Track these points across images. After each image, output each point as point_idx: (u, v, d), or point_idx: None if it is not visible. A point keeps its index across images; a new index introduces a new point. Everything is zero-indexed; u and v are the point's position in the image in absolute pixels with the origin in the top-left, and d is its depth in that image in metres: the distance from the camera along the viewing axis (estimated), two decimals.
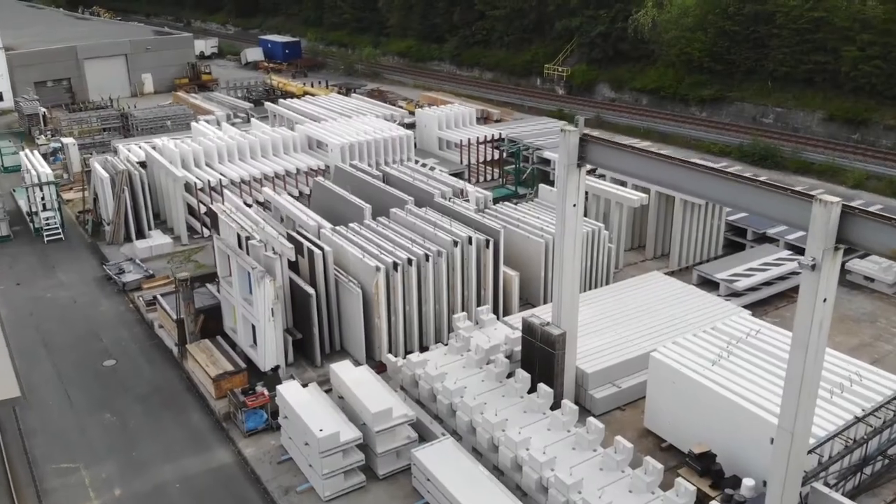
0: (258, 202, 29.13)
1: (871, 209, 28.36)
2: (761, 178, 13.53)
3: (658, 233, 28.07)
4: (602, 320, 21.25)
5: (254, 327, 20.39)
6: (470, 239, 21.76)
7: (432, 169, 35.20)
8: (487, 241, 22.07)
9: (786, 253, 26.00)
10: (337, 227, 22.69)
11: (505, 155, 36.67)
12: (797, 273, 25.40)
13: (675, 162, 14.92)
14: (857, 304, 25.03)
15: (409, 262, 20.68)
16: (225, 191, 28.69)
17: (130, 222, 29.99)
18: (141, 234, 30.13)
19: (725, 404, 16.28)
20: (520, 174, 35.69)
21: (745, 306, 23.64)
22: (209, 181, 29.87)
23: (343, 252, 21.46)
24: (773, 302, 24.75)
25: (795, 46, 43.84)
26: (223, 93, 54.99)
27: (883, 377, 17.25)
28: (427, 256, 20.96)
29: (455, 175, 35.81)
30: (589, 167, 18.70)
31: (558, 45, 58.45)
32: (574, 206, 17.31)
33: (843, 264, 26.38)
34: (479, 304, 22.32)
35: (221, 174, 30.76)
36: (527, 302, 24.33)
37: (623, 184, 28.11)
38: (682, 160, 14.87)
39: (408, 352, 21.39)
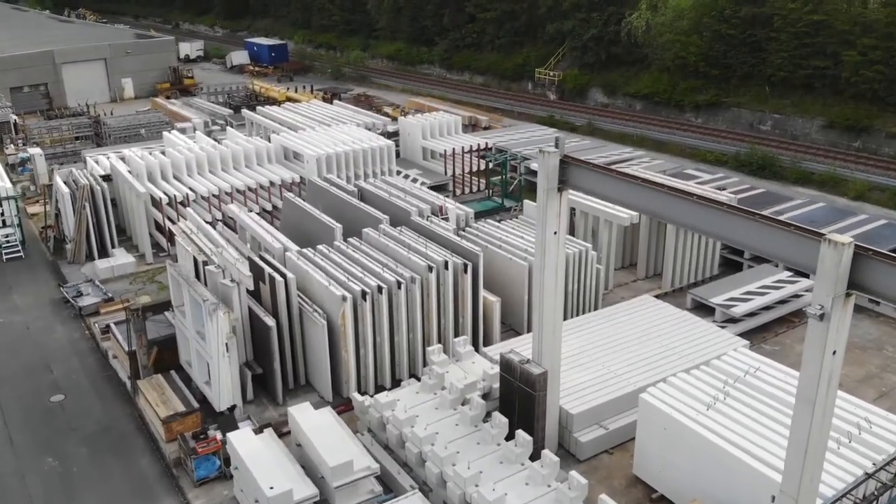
0: (225, 220, 27.45)
1: (877, 224, 26.25)
2: (763, 213, 11.93)
3: (650, 252, 26.48)
4: (589, 351, 19.63)
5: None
6: (446, 263, 20.14)
7: (415, 181, 33.64)
8: (465, 266, 20.45)
9: (786, 274, 24.40)
10: (304, 250, 21.05)
11: (491, 165, 35.05)
12: (799, 296, 23.85)
13: (664, 190, 13.30)
14: (863, 329, 23.44)
15: (380, 289, 19.05)
16: (187, 208, 27.01)
17: (93, 240, 28.32)
18: (105, 253, 28.48)
19: (722, 455, 14.67)
20: (506, 186, 34.08)
21: (744, 333, 22.07)
22: (175, 196, 28.21)
23: (308, 278, 19.82)
24: (772, 328, 23.15)
25: (794, 50, 42.32)
26: (203, 98, 53.28)
27: (894, 423, 15.66)
28: (399, 283, 19.34)
29: (439, 187, 34.32)
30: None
31: (550, 49, 56.90)
32: (555, 233, 15.71)
33: None
34: (456, 334, 20.72)
35: (190, 188, 29.10)
36: (510, 328, 22.73)
37: None
38: (672, 188, 13.26)
39: (378, 386, 19.77)
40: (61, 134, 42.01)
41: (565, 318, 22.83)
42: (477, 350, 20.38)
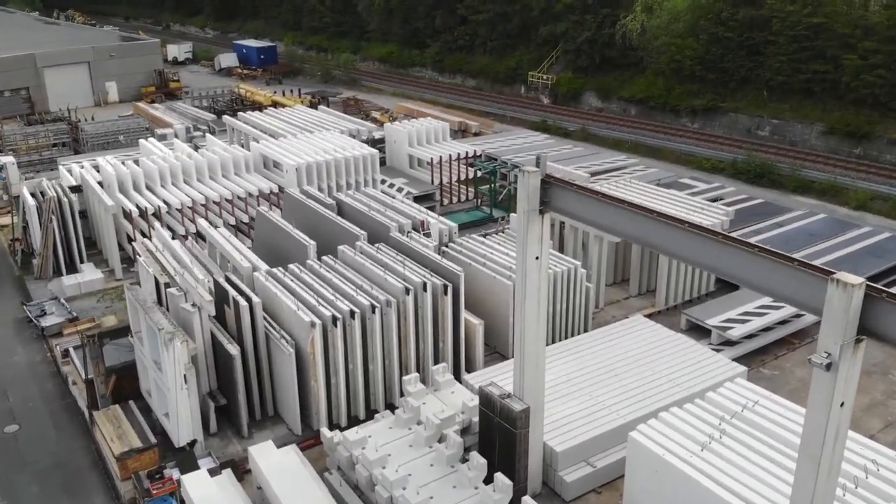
0: (196, 235, 26.16)
1: (881, 237, 25.03)
2: (764, 246, 10.70)
3: (643, 268, 25.25)
4: (576, 380, 18.39)
5: None
6: (425, 285, 18.89)
7: (400, 190, 32.40)
8: (445, 287, 19.20)
9: None
10: (273, 270, 19.79)
11: (480, 174, 33.81)
12: (800, 315, 22.62)
13: (654, 216, 12.06)
14: (866, 352, 22.12)
15: (352, 314, 17.79)
16: (155, 222, 25.73)
17: (60, 254, 27.05)
18: (73, 268, 27.20)
19: (717, 503, 13.43)
20: (495, 195, 32.85)
21: (741, 357, 20.88)
22: (146, 208, 26.93)
23: (277, 301, 18.57)
24: (771, 350, 21.93)
25: (793, 54, 41.14)
26: (188, 103, 51.96)
27: None
28: (374, 307, 18.09)
29: (426, 196, 33.08)
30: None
31: (543, 52, 55.68)
32: (537, 258, 14.48)
33: None
34: (436, 360, 19.48)
35: (163, 200, 27.80)
36: (494, 351, 21.49)
37: None
38: (662, 215, 12.01)
39: (352, 418, 18.52)
40: (37, 140, 40.68)
41: (553, 341, 21.73)
42: (458, 377, 19.16)
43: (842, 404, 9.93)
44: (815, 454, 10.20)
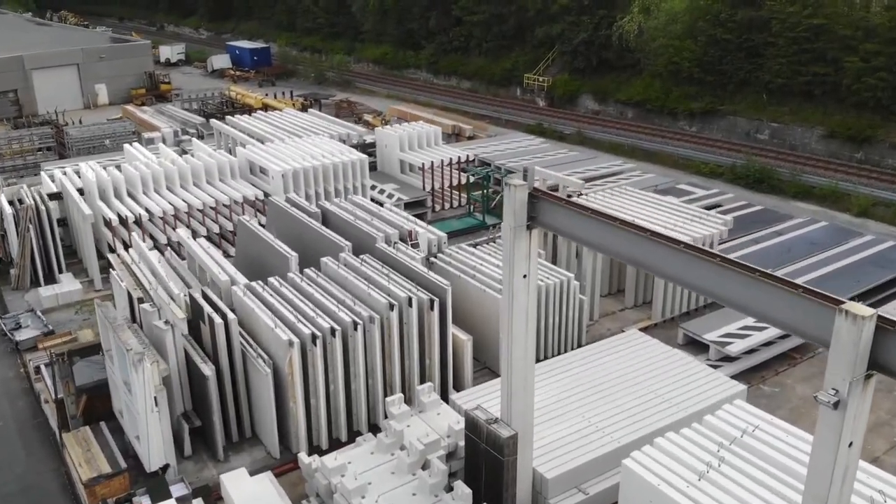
0: (179, 245, 25.32)
1: (885, 245, 24.10)
2: (766, 271, 9.89)
3: (639, 278, 24.43)
4: (567, 400, 17.55)
5: None
6: (410, 300, 18.08)
7: (390, 196, 31.60)
8: (432, 302, 18.38)
9: None
10: (252, 284, 18.96)
11: (472, 180, 32.99)
12: None
13: (648, 235, 11.23)
14: None
15: (332, 332, 16.98)
16: (134, 231, 24.89)
17: (38, 264, 26.22)
18: (52, 278, 26.38)
19: None
20: (488, 202, 32.03)
21: (741, 373, 20.09)
22: (127, 216, 26.11)
23: (254, 318, 17.74)
24: (772, 365, 21.12)
25: (793, 56, 40.36)
26: (177, 105, 51.10)
27: None
28: (356, 324, 17.27)
29: (417, 203, 32.30)
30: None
31: (539, 54, 54.89)
32: (525, 277, 13.65)
33: None
34: (423, 378, 18.68)
35: (145, 207, 26.97)
36: (484, 366, 20.68)
37: None
38: (657, 234, 11.18)
39: (333, 440, 17.70)
40: (21, 145, 39.83)
41: (545, 356, 20.94)
42: (446, 396, 18.36)
43: (850, 444, 9.11)
44: (820, 495, 9.40)
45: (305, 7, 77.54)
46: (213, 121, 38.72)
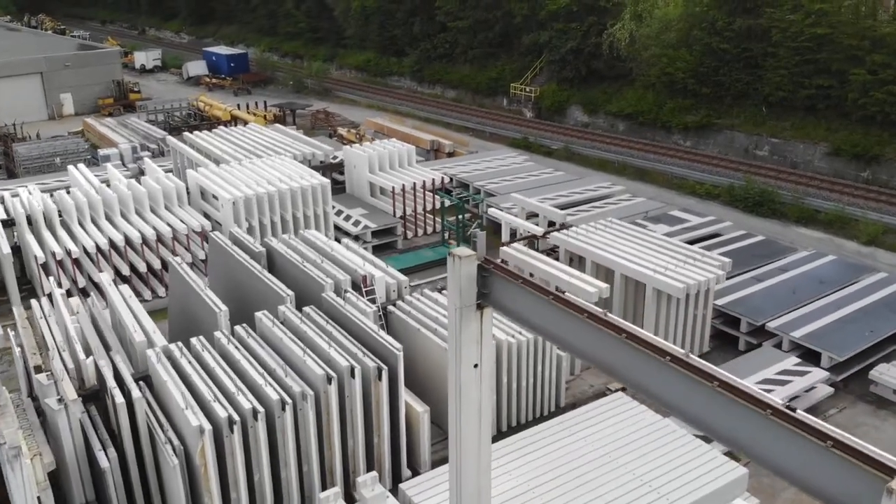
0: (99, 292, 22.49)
1: None
2: (781, 407, 7.16)
3: (626, 318, 21.64)
4: (537, 489, 14.81)
5: None
6: (353, 370, 15.32)
7: (357, 224, 28.92)
8: (380, 371, 15.62)
9: (793, 361, 19.63)
10: (171, 347, 16.17)
11: (446, 205, 30.27)
12: (811, 388, 19.12)
13: (623, 339, 8.46)
14: (888, 430, 18.75)
15: (255, 414, 14.20)
16: (50, 276, 22.07)
17: None
18: None
19: None
20: (463, 230, 29.31)
21: None
22: (55, 252, 23.31)
23: (167, 393, 14.96)
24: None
25: (794, 68, 37.70)
26: (143, 117, 48.25)
27: None
28: (284, 404, 14.50)
29: (387, 230, 29.61)
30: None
31: (527, 62, 52.19)
32: (475, 366, 10.88)
33: (866, 373, 20.04)
34: (369, 460, 15.93)
35: (95, 240, 24.19)
36: (445, 437, 17.86)
37: (580, 261, 21.87)
38: (632, 335, 8.42)
39: None
40: None
41: (517, 423, 18.30)
42: (397, 484, 15.61)
43: None
44: None
45: (286, 11, 74.77)
46: (168, 137, 35.87)
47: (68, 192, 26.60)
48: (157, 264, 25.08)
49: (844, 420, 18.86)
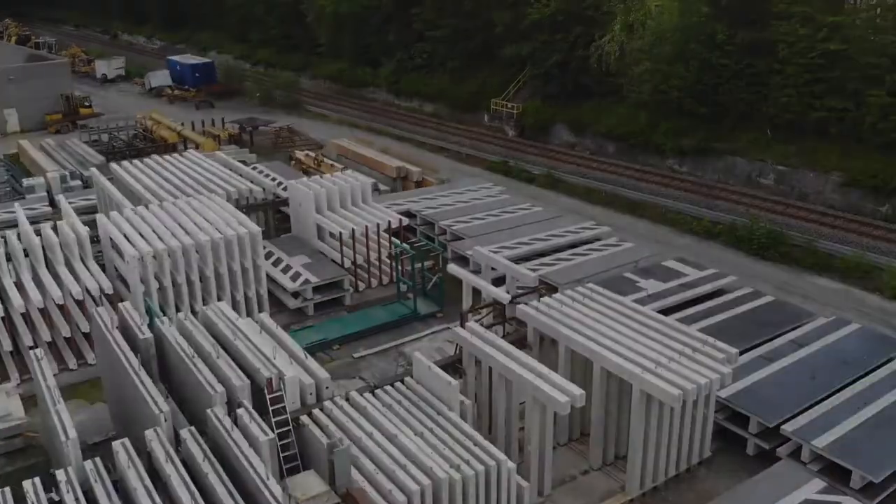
0: None
1: None
2: None
3: (609, 426, 17.48)
4: None
5: None
6: None
7: (296, 277, 24.73)
8: None
9: (816, 486, 15.36)
10: None
11: (398, 253, 26.00)
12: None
13: None
14: None
15: None
16: None
17: None
18: None
19: None
20: (423, 283, 25.05)
21: None
22: None
23: None
24: None
25: (804, 87, 33.51)
26: (85, 138, 43.74)
27: None
28: None
29: (333, 284, 25.39)
30: None
31: (509, 75, 47.87)
32: None
33: None
34: None
35: None
36: None
37: (552, 343, 17.61)
38: None
39: None
40: None
41: None
42: None
43: None
44: None
45: (258, 17, 70.30)
46: (92, 169, 31.45)
47: None
48: (49, 336, 20.83)
49: None
